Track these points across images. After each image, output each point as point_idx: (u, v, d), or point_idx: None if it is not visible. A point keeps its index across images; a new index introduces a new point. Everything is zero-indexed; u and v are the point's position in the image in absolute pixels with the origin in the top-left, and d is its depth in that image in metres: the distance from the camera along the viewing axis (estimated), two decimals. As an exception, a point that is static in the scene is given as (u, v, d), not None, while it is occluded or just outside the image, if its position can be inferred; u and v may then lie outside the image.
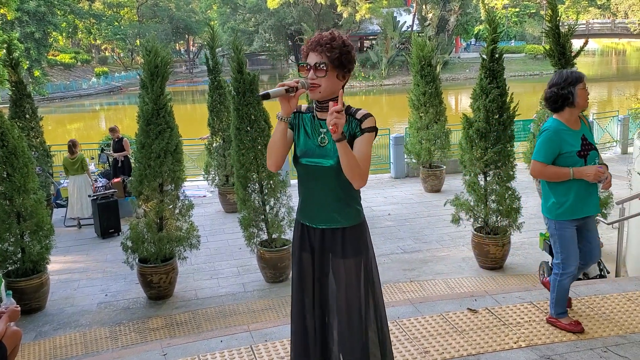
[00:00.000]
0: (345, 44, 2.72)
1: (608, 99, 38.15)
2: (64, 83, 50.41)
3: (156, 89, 7.22)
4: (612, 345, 3.72)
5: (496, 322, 4.09)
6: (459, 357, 3.63)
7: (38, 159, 10.96)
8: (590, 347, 3.71)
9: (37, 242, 7.22)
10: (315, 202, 2.86)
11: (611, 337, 3.83)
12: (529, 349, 3.70)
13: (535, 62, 53.93)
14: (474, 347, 3.75)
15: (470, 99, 8.12)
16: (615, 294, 4.50)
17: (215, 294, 7.76)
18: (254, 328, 4.16)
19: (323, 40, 2.69)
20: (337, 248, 2.86)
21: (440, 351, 3.70)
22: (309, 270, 2.92)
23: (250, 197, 7.97)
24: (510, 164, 8.05)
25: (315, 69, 2.66)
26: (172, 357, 3.80)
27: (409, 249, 9.20)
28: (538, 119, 11.62)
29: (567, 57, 8.17)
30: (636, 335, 3.84)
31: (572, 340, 3.80)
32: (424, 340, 3.85)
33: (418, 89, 12.67)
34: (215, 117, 11.48)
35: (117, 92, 53.32)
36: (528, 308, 4.29)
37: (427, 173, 12.96)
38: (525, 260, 8.55)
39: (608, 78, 55.21)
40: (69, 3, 47.95)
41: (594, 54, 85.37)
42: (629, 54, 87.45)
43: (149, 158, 7.24)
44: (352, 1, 50.44)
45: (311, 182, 2.84)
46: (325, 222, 2.86)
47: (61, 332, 6.72)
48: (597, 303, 4.35)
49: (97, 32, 60.04)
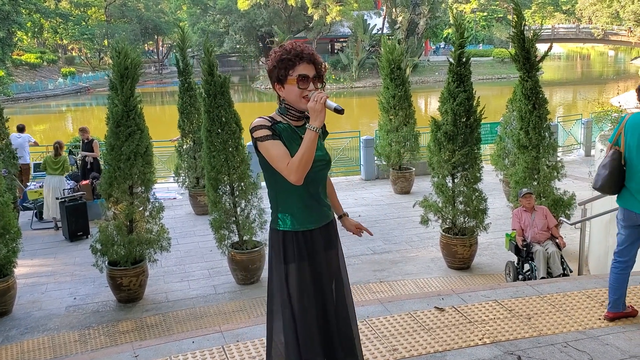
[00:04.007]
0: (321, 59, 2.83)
1: (573, 102, 39.00)
2: (30, 83, 49.46)
3: (126, 91, 7.20)
4: (572, 340, 3.87)
5: (462, 319, 4.20)
6: (426, 354, 3.73)
7: (4, 161, 10.80)
8: (551, 342, 3.85)
9: (3, 245, 7.12)
10: (317, 202, 2.89)
11: (571, 332, 3.98)
12: (493, 345, 3.82)
13: (503, 65, 54.81)
14: (440, 344, 3.86)
15: (439, 102, 8.27)
16: (576, 291, 4.66)
17: (186, 296, 7.76)
18: (225, 329, 4.21)
19: (313, 52, 2.76)
20: (333, 240, 2.98)
21: (408, 348, 3.80)
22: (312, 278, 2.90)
23: (221, 199, 7.98)
24: (477, 166, 8.22)
25: (316, 80, 2.74)
26: (143, 358, 3.82)
27: (379, 250, 9.32)
28: (505, 122, 11.87)
29: (532, 61, 8.37)
30: (594, 330, 4.00)
31: (534, 336, 3.94)
32: (392, 339, 3.94)
33: (388, 92, 12.83)
34: (186, 119, 11.44)
35: (85, 92, 52.55)
36: (493, 306, 4.42)
37: (396, 175, 13.12)
38: (492, 260, 8.75)
39: (573, 82, 56.42)
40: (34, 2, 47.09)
41: (560, 58, 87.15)
42: (593, 58, 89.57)
43: (119, 160, 7.21)
44: (323, 3, 50.62)
45: (312, 184, 2.84)
46: (327, 218, 2.95)
47: (29, 336, 6.65)
48: (558, 300, 4.50)
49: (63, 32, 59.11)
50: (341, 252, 3.05)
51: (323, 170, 2.88)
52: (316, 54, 2.79)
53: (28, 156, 13.19)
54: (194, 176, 11.74)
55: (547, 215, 7.58)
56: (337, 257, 3.00)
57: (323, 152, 2.87)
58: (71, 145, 14.22)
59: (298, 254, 2.84)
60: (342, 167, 15.89)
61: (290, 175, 2.66)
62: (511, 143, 10.92)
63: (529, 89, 8.35)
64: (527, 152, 8.47)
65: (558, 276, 6.92)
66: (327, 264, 2.93)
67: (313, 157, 2.66)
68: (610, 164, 3.88)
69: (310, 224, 2.86)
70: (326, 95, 2.62)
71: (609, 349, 3.74)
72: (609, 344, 3.81)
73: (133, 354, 3.89)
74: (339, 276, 3.00)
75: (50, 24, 57.68)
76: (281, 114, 2.81)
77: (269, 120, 2.77)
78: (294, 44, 2.76)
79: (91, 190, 11.21)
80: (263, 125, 2.74)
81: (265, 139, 2.71)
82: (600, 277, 5.38)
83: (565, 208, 8.48)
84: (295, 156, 2.64)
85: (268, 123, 2.74)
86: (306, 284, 2.87)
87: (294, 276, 2.85)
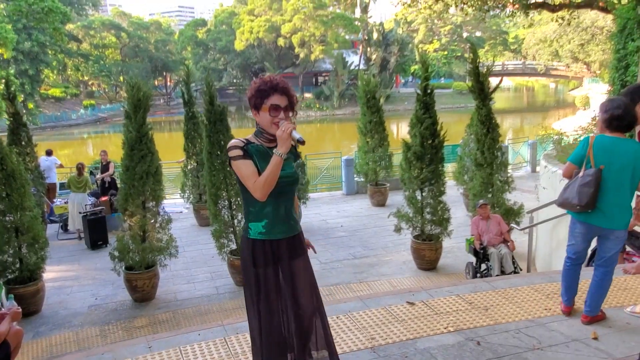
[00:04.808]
0: (293, 92, 2.83)
1: (520, 127, 39.43)
2: (55, 114, 48.97)
3: (139, 119, 7.20)
4: (523, 327, 3.90)
5: (430, 312, 4.22)
6: (400, 342, 3.73)
7: (33, 181, 10.69)
8: (505, 329, 3.88)
9: (33, 253, 7.07)
10: (285, 214, 2.84)
11: (522, 321, 4.01)
12: (456, 333, 3.84)
13: (461, 96, 55.30)
14: (412, 332, 3.87)
15: (409, 127, 8.34)
16: (525, 286, 4.70)
17: (192, 296, 7.71)
18: (226, 323, 4.18)
19: (286, 86, 2.75)
20: (298, 251, 2.91)
21: (384, 337, 3.81)
22: (276, 282, 2.84)
23: (220, 212, 7.98)
24: (442, 181, 8.29)
25: (287, 110, 2.73)
26: (156, 349, 3.79)
27: (359, 255, 9.32)
28: (464, 144, 12.00)
29: (486, 92, 8.49)
30: (542, 319, 4.03)
31: (491, 324, 3.97)
32: (370, 329, 3.95)
33: (365, 118, 12.92)
34: (190, 143, 11.45)
35: (103, 122, 52.10)
36: (455, 300, 4.44)
37: (373, 190, 13.16)
38: (455, 262, 8.79)
39: (520, 110, 57.15)
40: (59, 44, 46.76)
41: (509, 90, 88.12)
42: (537, 90, 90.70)
43: (133, 179, 7.20)
44: (308, 43, 50.93)
45: (281, 197, 2.80)
46: (293, 230, 2.88)
47: (56, 332, 6.58)
48: (510, 294, 4.54)
49: (84, 70, 58.73)
50: (307, 261, 2.95)
51: (291, 185, 2.83)
52: (289, 87, 2.77)
53: (55, 176, 13.07)
54: (197, 192, 11.71)
55: (500, 223, 7.66)
56: (303, 265, 2.91)
57: (292, 170, 2.82)
58: (92, 167, 14.12)
59: (264, 261, 2.79)
60: (326, 183, 15.89)
61: (255, 192, 2.66)
62: (469, 161, 11.03)
63: (484, 115, 8.47)
64: (483, 169, 8.56)
65: (510, 274, 6.98)
66: (292, 271, 2.86)
67: (277, 179, 2.65)
68: (594, 182, 3.60)
69: (277, 234, 2.80)
70: (293, 127, 2.62)
71: (555, 334, 3.78)
72: (554, 330, 3.85)
73: (147, 345, 3.85)
74: (305, 281, 2.91)
75: (73, 63, 57.30)
76: (256, 136, 2.80)
77: (243, 141, 2.75)
78: (271, 77, 2.75)
79: (109, 205, 11.13)
80: (236, 146, 2.72)
81: (237, 158, 2.70)
82: (545, 274, 5.44)
83: (515, 216, 8.57)
84: (262, 176, 2.64)
85: (241, 144, 2.72)
86: (271, 287, 2.81)
87: (261, 279, 2.80)
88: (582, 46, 44.46)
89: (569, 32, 44.02)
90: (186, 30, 64.45)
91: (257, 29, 51.27)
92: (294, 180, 2.84)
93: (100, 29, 58.10)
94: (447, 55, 63.22)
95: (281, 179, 2.69)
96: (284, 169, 2.70)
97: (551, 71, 59.72)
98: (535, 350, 3.56)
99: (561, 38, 45.74)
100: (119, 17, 63.82)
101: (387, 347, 3.65)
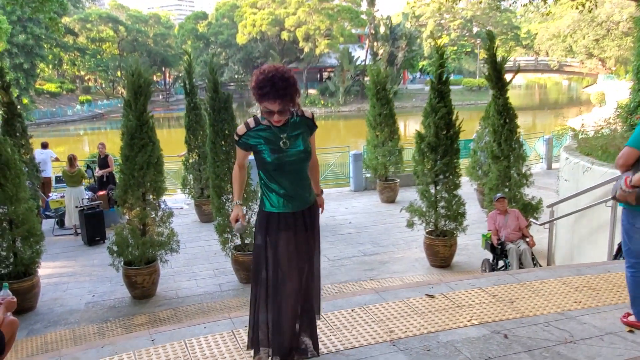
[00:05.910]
0: (291, 81, 2.84)
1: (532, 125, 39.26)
2: (51, 110, 49.03)
3: (139, 106, 7.09)
4: (553, 320, 3.76)
5: (451, 304, 4.10)
6: (420, 335, 3.61)
7: (27, 174, 10.60)
8: (533, 322, 3.75)
9: (28, 247, 6.97)
10: (296, 190, 3.05)
11: (551, 314, 3.88)
12: (480, 326, 3.72)
13: (471, 93, 55.24)
14: (432, 325, 3.75)
15: (422, 117, 8.19)
16: (552, 279, 4.57)
17: (194, 293, 7.61)
18: (234, 315, 4.07)
19: (279, 86, 2.78)
20: (310, 224, 3.12)
21: (403, 330, 3.69)
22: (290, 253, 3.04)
23: (224, 205, 7.86)
24: (457, 174, 8.15)
25: (279, 113, 2.87)
26: (159, 342, 3.68)
27: (369, 252, 9.21)
28: (478, 137, 11.87)
29: (503, 81, 8.35)
30: (572, 312, 3.90)
31: (517, 317, 3.84)
32: (388, 322, 3.82)
33: (374, 110, 12.79)
34: (192, 135, 11.35)
35: (100, 118, 52.16)
36: (478, 292, 4.32)
37: (383, 185, 13.04)
38: (469, 259, 8.66)
39: (532, 107, 56.88)
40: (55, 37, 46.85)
41: (520, 88, 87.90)
42: (549, 87, 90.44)
43: (133, 169, 7.09)
44: (312, 37, 50.88)
45: (293, 174, 3.02)
46: (305, 203, 3.10)
47: (51, 329, 6.48)
48: (536, 287, 4.41)
49: (81, 64, 58.91)
50: (318, 235, 3.20)
51: (302, 162, 3.02)
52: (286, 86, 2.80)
53: (50, 170, 12.99)
54: (199, 187, 11.61)
55: (518, 217, 7.52)
56: (312, 239, 3.14)
57: (302, 147, 3.00)
58: (89, 160, 14.04)
59: (277, 232, 3.02)
60: (334, 179, 15.77)
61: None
62: (484, 155, 10.90)
63: (501, 105, 8.35)
64: (500, 162, 8.43)
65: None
66: (302, 243, 3.07)
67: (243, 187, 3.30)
68: None
69: (289, 208, 3.03)
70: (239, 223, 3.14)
71: (587, 327, 3.65)
72: (586, 323, 3.72)
73: (150, 338, 3.74)
74: (311, 255, 3.14)
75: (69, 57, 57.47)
76: (263, 117, 3.01)
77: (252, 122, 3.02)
78: (267, 76, 2.79)
79: (107, 200, 11.04)
80: (237, 133, 3.06)
81: (236, 142, 3.09)
82: (573, 266, 5.29)
83: (534, 211, 8.44)
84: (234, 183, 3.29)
85: (242, 131, 3.02)
86: (281, 257, 3.03)
87: (271, 249, 3.03)
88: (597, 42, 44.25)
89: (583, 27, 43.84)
90: (186, 23, 64.53)
91: (260, 22, 51.24)
92: (305, 157, 3.04)
93: (98, 22, 58.18)
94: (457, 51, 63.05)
95: (291, 157, 2.96)
96: (294, 146, 2.97)
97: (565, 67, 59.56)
98: (568, 343, 3.43)
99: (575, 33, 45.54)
100: (116, 10, 63.95)
101: (407, 340, 3.53)
